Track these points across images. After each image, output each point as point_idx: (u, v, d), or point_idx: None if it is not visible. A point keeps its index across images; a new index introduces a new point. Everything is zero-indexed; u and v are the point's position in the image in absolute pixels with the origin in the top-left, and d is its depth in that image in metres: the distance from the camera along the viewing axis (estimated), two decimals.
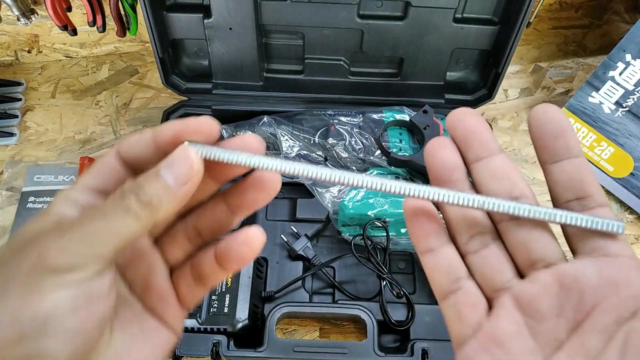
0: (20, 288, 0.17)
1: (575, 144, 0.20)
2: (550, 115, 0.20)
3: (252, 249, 0.21)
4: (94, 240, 0.18)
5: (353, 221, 0.51)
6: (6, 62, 0.70)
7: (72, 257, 0.18)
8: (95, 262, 0.18)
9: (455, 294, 0.21)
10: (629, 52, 0.54)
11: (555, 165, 0.20)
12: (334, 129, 0.55)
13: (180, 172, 0.19)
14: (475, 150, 0.21)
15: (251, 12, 0.52)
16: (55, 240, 0.18)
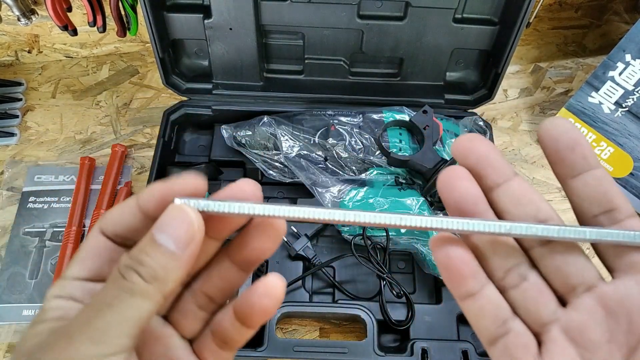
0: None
1: (592, 154, 0.19)
2: (562, 128, 0.19)
3: (275, 300, 0.19)
4: (107, 337, 0.16)
5: None
6: (6, 62, 0.70)
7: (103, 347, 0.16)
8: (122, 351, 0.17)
9: (505, 338, 0.19)
10: (629, 52, 0.54)
11: (576, 179, 0.19)
12: (334, 129, 0.55)
13: (179, 233, 0.17)
14: (491, 177, 0.20)
15: (251, 13, 0.52)
16: (65, 349, 0.16)
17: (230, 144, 0.57)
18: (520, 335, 0.19)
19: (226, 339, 0.21)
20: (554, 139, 0.19)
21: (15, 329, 0.51)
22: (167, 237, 0.17)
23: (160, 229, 0.17)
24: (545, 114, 0.68)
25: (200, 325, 0.22)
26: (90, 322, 0.17)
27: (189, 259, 0.18)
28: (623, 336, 0.18)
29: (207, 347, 0.21)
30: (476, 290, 0.19)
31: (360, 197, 0.50)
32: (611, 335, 0.18)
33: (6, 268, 0.54)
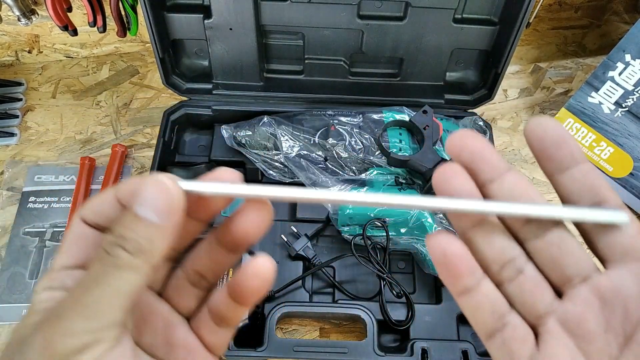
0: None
1: (579, 150, 0.19)
2: (548, 126, 0.19)
3: (264, 281, 0.20)
4: (97, 312, 0.16)
5: (353, 221, 0.51)
6: (7, 62, 0.70)
7: (83, 336, 0.16)
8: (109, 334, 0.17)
9: (502, 332, 0.20)
10: (629, 52, 0.54)
11: (564, 175, 0.19)
12: (334, 129, 0.55)
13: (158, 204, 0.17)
14: (485, 173, 0.20)
15: (251, 13, 0.52)
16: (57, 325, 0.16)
17: (230, 144, 0.57)
18: (517, 328, 0.19)
19: (222, 317, 0.21)
20: (540, 138, 0.19)
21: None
22: (147, 209, 0.17)
23: (140, 202, 0.17)
24: (545, 114, 0.68)
25: (195, 302, 0.22)
26: (79, 300, 0.17)
27: (172, 229, 0.18)
28: (619, 325, 0.18)
29: (205, 325, 0.22)
30: (473, 286, 0.20)
31: None
32: (607, 324, 0.18)
33: (6, 268, 0.54)
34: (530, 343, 0.19)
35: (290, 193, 0.19)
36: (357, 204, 0.19)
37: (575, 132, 0.61)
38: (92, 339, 0.16)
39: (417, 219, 0.49)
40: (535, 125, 0.19)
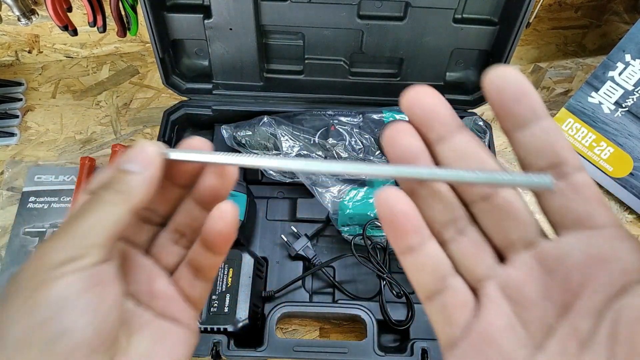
0: (30, 286, 0.18)
1: (540, 105, 0.18)
2: (509, 77, 0.18)
3: (227, 221, 0.22)
4: (85, 234, 0.19)
5: (353, 221, 0.51)
6: (7, 62, 0.70)
7: (70, 251, 0.18)
8: (93, 251, 0.19)
9: (442, 294, 0.19)
10: (629, 52, 0.54)
11: (522, 131, 0.18)
12: (334, 129, 0.55)
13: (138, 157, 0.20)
14: (436, 131, 0.19)
15: (251, 13, 0.52)
16: (50, 244, 0.19)
17: (230, 144, 0.57)
18: (457, 292, 0.19)
19: (199, 268, 0.24)
20: (499, 90, 0.18)
21: None
22: (128, 163, 0.20)
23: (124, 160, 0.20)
24: None
25: (177, 259, 0.24)
26: (67, 225, 0.19)
27: (149, 179, 0.20)
28: (559, 293, 0.17)
29: (184, 277, 0.24)
30: (417, 245, 0.19)
31: (360, 197, 0.50)
32: (547, 292, 0.18)
33: (6, 268, 0.54)
34: (469, 309, 0.19)
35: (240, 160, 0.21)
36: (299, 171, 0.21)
37: (575, 132, 0.61)
38: (77, 254, 0.18)
39: None
40: (494, 76, 0.18)
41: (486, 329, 0.18)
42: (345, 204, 0.50)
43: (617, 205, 0.61)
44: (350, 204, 0.50)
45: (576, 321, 0.17)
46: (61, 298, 0.18)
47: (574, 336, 0.17)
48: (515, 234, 0.19)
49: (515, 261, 0.18)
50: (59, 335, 0.18)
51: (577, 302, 0.17)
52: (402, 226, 0.19)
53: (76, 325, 0.18)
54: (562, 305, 0.17)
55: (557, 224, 0.18)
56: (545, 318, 0.18)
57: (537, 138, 0.18)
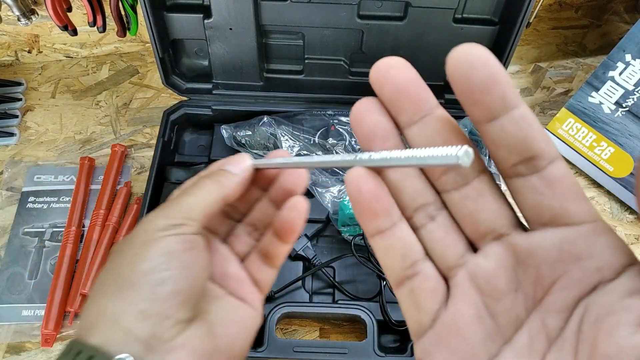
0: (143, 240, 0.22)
1: (512, 92, 0.16)
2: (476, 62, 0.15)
3: (299, 211, 0.25)
4: (187, 208, 0.24)
5: (353, 221, 0.51)
6: (6, 62, 0.70)
7: (172, 219, 0.23)
8: (191, 223, 0.23)
9: (412, 280, 0.19)
10: (629, 52, 0.54)
11: (492, 124, 0.16)
12: (334, 129, 0.55)
13: (238, 165, 0.26)
14: (407, 113, 0.18)
15: (251, 13, 0.52)
16: (158, 213, 0.24)
17: (230, 144, 0.57)
18: (428, 279, 0.18)
19: (268, 255, 0.27)
20: (465, 77, 0.16)
21: (15, 329, 0.51)
22: (229, 165, 0.26)
23: (227, 163, 0.26)
24: (545, 114, 0.68)
25: (248, 248, 0.28)
26: (175, 201, 0.24)
27: (242, 180, 0.26)
28: (530, 287, 0.17)
29: (254, 263, 0.28)
30: (386, 228, 0.18)
31: None
32: (518, 285, 0.17)
33: (6, 268, 0.54)
34: (439, 296, 0.18)
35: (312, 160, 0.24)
36: None
37: (576, 132, 0.61)
38: (179, 222, 0.23)
39: None
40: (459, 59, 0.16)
41: (454, 319, 0.18)
42: (346, 204, 0.50)
43: (617, 205, 0.61)
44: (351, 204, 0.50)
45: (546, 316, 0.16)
46: (165, 253, 0.22)
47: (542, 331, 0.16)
48: (485, 225, 0.18)
49: (487, 251, 0.18)
50: (162, 281, 0.21)
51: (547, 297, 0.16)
52: (370, 207, 0.18)
53: (176, 276, 0.22)
54: (532, 299, 0.17)
55: (532, 219, 0.17)
56: (514, 311, 0.17)
57: (508, 132, 0.16)
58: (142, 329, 0.21)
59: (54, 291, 0.51)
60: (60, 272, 0.52)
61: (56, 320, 0.50)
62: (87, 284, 0.51)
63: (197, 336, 0.23)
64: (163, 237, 0.22)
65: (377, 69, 0.18)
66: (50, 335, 0.49)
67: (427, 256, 0.19)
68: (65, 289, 0.51)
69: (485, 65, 0.15)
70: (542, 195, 0.16)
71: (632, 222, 0.60)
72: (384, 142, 0.19)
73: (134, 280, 0.21)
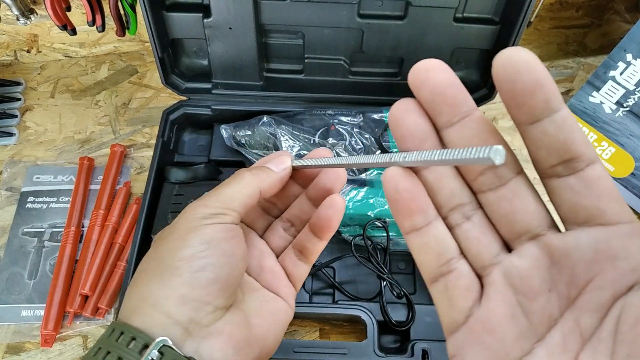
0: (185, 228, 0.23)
1: (555, 96, 0.16)
2: (523, 65, 0.16)
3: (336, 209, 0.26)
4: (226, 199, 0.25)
5: (353, 221, 0.51)
6: (5, 61, 0.70)
7: (212, 209, 0.24)
8: (231, 213, 0.24)
9: (446, 277, 0.19)
10: (630, 51, 0.54)
11: (534, 126, 0.17)
12: (334, 129, 0.55)
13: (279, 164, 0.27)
14: (445, 115, 0.18)
15: (251, 12, 0.52)
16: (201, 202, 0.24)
17: (230, 144, 0.57)
18: (462, 276, 0.19)
19: (303, 250, 0.29)
20: (511, 80, 0.16)
21: (14, 329, 0.51)
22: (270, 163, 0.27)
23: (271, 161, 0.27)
24: None
25: (284, 243, 0.30)
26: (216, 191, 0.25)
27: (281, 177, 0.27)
28: (564, 287, 0.17)
29: (289, 258, 0.29)
30: (422, 225, 0.19)
31: (361, 197, 0.50)
32: (552, 284, 0.17)
33: (5, 268, 0.53)
34: (473, 294, 0.19)
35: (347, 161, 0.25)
36: None
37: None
38: (220, 212, 0.24)
39: None
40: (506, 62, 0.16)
41: (488, 316, 0.18)
42: (346, 204, 0.50)
43: None
44: (351, 204, 0.50)
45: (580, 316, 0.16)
46: (207, 240, 0.23)
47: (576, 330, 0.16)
48: (521, 225, 0.18)
49: (522, 251, 0.18)
50: (203, 268, 0.22)
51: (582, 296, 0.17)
52: (406, 205, 0.19)
53: (215, 263, 0.23)
54: (566, 299, 0.17)
55: (568, 219, 0.17)
56: (548, 310, 0.17)
57: (549, 135, 0.16)
58: (182, 314, 0.21)
59: (54, 291, 0.51)
60: (60, 272, 0.52)
61: (56, 320, 0.49)
62: (87, 284, 0.51)
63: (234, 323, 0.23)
64: (204, 225, 0.23)
65: (416, 71, 0.18)
66: (49, 335, 0.49)
67: (461, 254, 0.19)
68: (64, 289, 0.51)
69: (530, 70, 0.16)
70: (579, 195, 0.17)
71: None
72: (423, 143, 0.19)
73: (175, 266, 0.22)
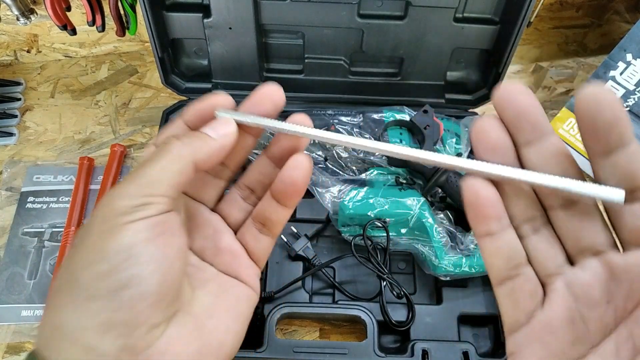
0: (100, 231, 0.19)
1: (629, 131, 0.17)
2: (605, 103, 0.17)
3: (302, 171, 0.22)
4: (150, 182, 0.20)
5: (353, 221, 0.51)
6: (5, 61, 0.70)
7: (136, 199, 0.19)
8: (158, 200, 0.20)
9: (513, 280, 0.20)
10: (630, 51, 0.54)
11: (607, 158, 0.18)
12: (333, 129, 0.55)
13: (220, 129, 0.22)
14: (525, 134, 0.19)
15: (251, 12, 0.52)
16: (118, 191, 0.20)
17: None
18: (528, 281, 0.20)
19: (265, 221, 0.24)
20: (592, 116, 0.17)
21: (14, 329, 0.51)
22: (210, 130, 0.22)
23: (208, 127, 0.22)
24: (547, 113, 0.67)
25: (243, 215, 0.25)
26: (136, 172, 0.20)
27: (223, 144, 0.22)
28: (621, 300, 0.18)
29: (249, 232, 0.25)
30: (496, 231, 0.20)
31: (361, 197, 0.50)
32: (610, 297, 0.19)
33: (5, 268, 0.53)
34: (537, 298, 0.20)
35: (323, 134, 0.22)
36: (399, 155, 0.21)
37: (577, 132, 0.60)
38: (143, 202, 0.19)
39: (417, 219, 0.49)
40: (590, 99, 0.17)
41: (550, 318, 0.19)
42: (346, 204, 0.50)
43: None
44: (351, 204, 0.50)
45: (634, 328, 0.18)
46: (128, 247, 0.19)
47: (629, 341, 0.18)
48: (586, 241, 0.19)
49: (584, 264, 0.19)
50: (125, 285, 0.18)
51: (637, 310, 0.18)
52: (484, 211, 0.20)
53: (141, 274, 0.19)
54: (622, 311, 0.18)
55: (629, 241, 0.19)
56: (605, 320, 0.19)
57: (620, 165, 0.18)
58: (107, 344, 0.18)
59: None
60: None
61: None
62: None
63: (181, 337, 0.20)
64: (122, 225, 0.19)
65: (502, 93, 0.19)
66: None
67: (528, 262, 0.21)
68: None
69: (611, 108, 0.17)
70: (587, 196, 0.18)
71: None
72: (504, 157, 0.20)
73: (90, 287, 0.18)
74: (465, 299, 0.49)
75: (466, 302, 0.49)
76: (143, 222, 0.19)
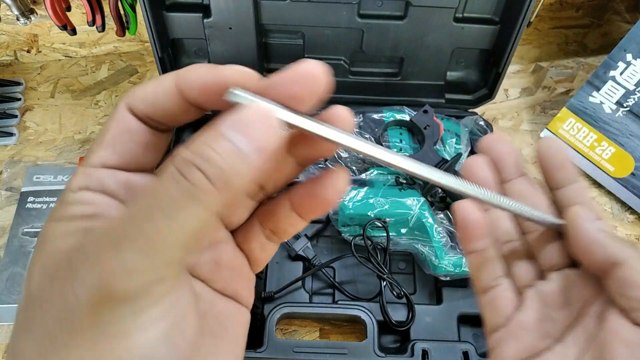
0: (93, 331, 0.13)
1: (574, 171, 0.24)
2: (554, 152, 0.24)
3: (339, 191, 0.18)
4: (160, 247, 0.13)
5: (353, 221, 0.51)
6: (5, 61, 0.70)
7: (143, 275, 0.13)
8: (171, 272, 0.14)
9: (494, 290, 0.24)
10: (630, 51, 0.54)
11: (560, 191, 0.24)
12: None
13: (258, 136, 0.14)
14: (505, 173, 0.25)
15: (251, 12, 0.52)
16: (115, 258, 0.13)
17: None
18: (506, 290, 0.24)
19: (277, 230, 0.20)
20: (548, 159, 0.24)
21: None
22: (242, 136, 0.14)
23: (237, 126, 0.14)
24: (546, 113, 0.67)
25: (247, 214, 0.20)
26: (141, 229, 0.13)
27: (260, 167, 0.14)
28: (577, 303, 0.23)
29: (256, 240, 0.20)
30: (480, 249, 0.24)
31: (361, 197, 0.50)
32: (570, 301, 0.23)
33: (5, 268, 0.53)
34: (513, 304, 0.24)
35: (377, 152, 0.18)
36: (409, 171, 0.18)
37: (577, 132, 0.60)
38: (155, 277, 0.14)
39: (417, 219, 0.49)
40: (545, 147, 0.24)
41: (524, 319, 0.23)
42: (346, 204, 0.50)
43: (618, 206, 0.60)
44: (351, 204, 0.50)
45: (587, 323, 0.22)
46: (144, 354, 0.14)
47: (585, 334, 0.22)
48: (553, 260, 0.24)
49: (550, 277, 0.24)
50: None
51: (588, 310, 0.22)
52: (472, 231, 0.24)
53: None
54: (579, 311, 0.22)
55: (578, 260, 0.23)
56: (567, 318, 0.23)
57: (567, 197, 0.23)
58: None
59: None
60: None
61: None
62: None
63: None
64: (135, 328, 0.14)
65: (486, 141, 0.25)
66: None
67: (508, 275, 0.25)
68: None
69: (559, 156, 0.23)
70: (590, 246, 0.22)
71: (632, 222, 0.60)
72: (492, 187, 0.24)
73: None
74: (465, 299, 0.49)
75: (466, 302, 0.49)
76: (159, 320, 0.14)
